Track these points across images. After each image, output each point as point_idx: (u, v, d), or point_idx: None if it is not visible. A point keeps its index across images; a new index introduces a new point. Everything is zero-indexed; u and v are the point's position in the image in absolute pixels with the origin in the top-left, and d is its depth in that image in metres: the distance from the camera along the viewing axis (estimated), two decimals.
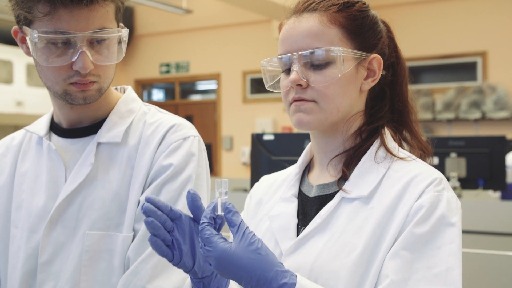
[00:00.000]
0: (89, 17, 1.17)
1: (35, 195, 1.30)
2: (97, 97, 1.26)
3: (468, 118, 7.64)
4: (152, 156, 1.26)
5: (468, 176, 3.40)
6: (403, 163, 1.11)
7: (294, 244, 1.10)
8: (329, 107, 1.10)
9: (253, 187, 1.33)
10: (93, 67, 1.20)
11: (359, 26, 1.12)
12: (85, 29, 1.17)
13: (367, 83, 1.14)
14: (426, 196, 1.02)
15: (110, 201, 1.24)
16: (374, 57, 1.13)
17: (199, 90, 10.75)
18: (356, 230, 1.05)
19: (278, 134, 2.52)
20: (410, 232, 1.00)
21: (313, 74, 1.09)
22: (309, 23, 1.11)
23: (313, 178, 1.19)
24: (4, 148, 1.41)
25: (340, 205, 1.09)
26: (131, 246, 1.22)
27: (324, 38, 1.09)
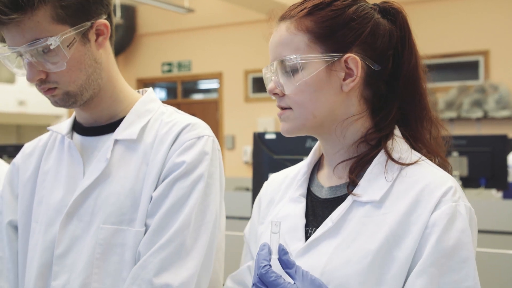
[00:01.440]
0: (18, 32, 1.20)
1: (54, 190, 1.33)
2: (70, 100, 1.29)
3: (470, 117, 7.64)
4: (166, 154, 1.28)
5: (470, 175, 3.40)
6: (415, 167, 1.08)
7: (305, 247, 1.09)
8: (303, 113, 1.10)
9: (262, 188, 1.32)
10: (45, 76, 1.25)
11: (328, 28, 1.08)
12: (19, 43, 1.21)
13: (346, 84, 1.09)
14: (444, 207, 1.01)
15: (125, 196, 1.27)
16: (348, 56, 1.08)
17: (201, 89, 10.76)
18: (369, 235, 1.03)
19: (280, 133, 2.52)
20: (434, 248, 0.98)
21: (287, 82, 1.10)
22: (278, 32, 1.12)
23: (323, 178, 1.18)
24: (31, 149, 1.45)
25: (352, 209, 1.08)
26: (142, 240, 1.24)
27: (291, 46, 1.10)
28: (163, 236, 1.22)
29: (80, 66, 1.27)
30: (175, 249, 1.22)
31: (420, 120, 1.15)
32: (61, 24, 1.22)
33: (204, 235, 1.26)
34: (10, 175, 1.44)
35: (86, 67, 1.28)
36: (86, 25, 1.26)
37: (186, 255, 1.23)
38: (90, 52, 1.28)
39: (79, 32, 1.25)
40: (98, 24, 1.28)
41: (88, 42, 1.27)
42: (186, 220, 1.23)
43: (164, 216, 1.24)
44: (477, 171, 3.40)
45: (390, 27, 1.13)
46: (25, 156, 1.44)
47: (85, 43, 1.27)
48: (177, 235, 1.22)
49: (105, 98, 1.34)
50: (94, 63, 1.29)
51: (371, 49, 1.10)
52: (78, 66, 1.26)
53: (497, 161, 3.39)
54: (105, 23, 1.29)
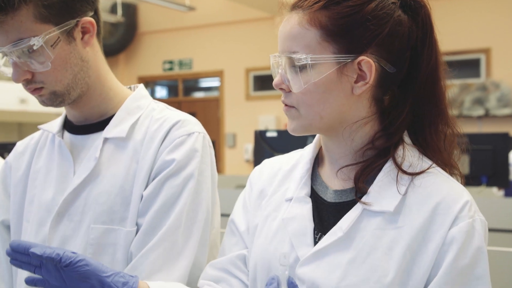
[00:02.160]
0: (1, 32, 1.19)
1: (45, 189, 1.32)
2: (57, 100, 1.28)
3: (471, 115, 7.63)
4: (156, 151, 1.27)
5: (471, 173, 3.39)
6: (427, 175, 1.04)
7: (312, 255, 1.04)
8: (309, 114, 1.04)
9: (254, 173, 1.27)
10: (31, 76, 1.24)
11: (343, 26, 1.01)
12: (3, 43, 1.20)
13: (358, 87, 1.03)
14: (461, 224, 0.98)
15: (115, 195, 1.25)
16: (362, 59, 1.01)
17: (202, 87, 10.76)
18: (385, 251, 0.99)
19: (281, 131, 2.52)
20: (451, 266, 0.97)
21: (292, 79, 1.04)
22: (290, 24, 1.04)
23: (327, 177, 1.13)
24: (23, 147, 1.44)
25: (362, 218, 1.03)
26: (134, 241, 1.23)
27: (302, 41, 1.02)
28: (154, 236, 1.21)
29: (66, 66, 1.25)
30: (167, 249, 1.20)
31: (434, 125, 1.09)
32: (45, 23, 1.20)
33: (196, 234, 1.25)
34: (3, 174, 1.42)
35: (72, 66, 1.26)
36: (71, 23, 1.24)
37: (178, 255, 1.22)
38: (76, 51, 1.26)
39: (64, 31, 1.22)
40: (84, 22, 1.26)
41: (74, 41, 1.25)
42: (177, 219, 1.22)
43: (155, 215, 1.22)
44: (479, 169, 3.39)
45: (411, 24, 1.05)
46: (18, 155, 1.43)
47: (70, 42, 1.25)
48: (168, 234, 1.21)
49: (94, 96, 1.32)
50: (80, 61, 1.27)
51: (387, 51, 1.03)
52: (63, 65, 1.25)
53: (498, 159, 3.39)
54: (91, 21, 1.27)
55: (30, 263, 1.04)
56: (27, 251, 1.03)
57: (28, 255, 1.03)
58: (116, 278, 1.04)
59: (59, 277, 1.03)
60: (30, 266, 1.04)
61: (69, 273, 1.02)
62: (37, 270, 1.04)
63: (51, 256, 1.01)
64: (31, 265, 1.04)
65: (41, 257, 1.01)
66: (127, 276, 1.05)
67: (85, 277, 1.02)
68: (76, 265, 1.01)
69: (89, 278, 1.02)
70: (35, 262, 1.03)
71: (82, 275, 1.02)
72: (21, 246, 1.04)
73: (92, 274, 1.02)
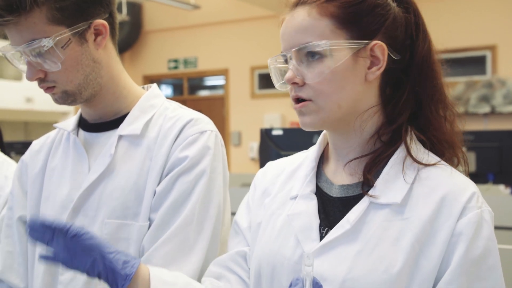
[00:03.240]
0: (16, 32, 1.23)
1: (60, 186, 1.35)
2: (69, 99, 1.31)
3: (477, 112, 7.61)
4: (169, 149, 1.29)
5: (477, 170, 3.38)
6: (433, 168, 1.06)
7: (319, 248, 1.04)
8: (327, 104, 1.05)
9: (257, 175, 1.28)
10: (44, 75, 1.27)
11: (353, 14, 1.04)
12: (18, 43, 1.24)
13: (372, 73, 1.06)
14: (470, 215, 0.99)
15: (129, 191, 1.28)
16: (375, 43, 1.04)
17: (207, 86, 10.76)
18: (392, 242, 1.00)
19: (287, 129, 2.52)
20: (463, 257, 0.97)
21: (308, 71, 1.04)
22: (299, 17, 1.06)
23: (331, 174, 1.14)
24: (39, 146, 1.47)
25: (369, 211, 1.04)
26: (146, 235, 1.25)
27: (314, 31, 1.04)
28: (166, 231, 1.23)
29: (77, 66, 1.28)
30: (179, 244, 1.22)
31: (435, 104, 1.11)
32: (57, 25, 1.24)
33: (208, 230, 1.27)
34: (19, 172, 1.46)
35: (83, 67, 1.29)
36: (84, 25, 1.26)
37: (189, 250, 1.23)
38: (88, 52, 1.29)
39: (76, 32, 1.25)
40: (96, 24, 1.28)
41: (86, 42, 1.28)
42: (189, 215, 1.24)
43: (167, 211, 1.24)
44: (485, 167, 3.38)
45: (406, 15, 1.10)
46: (33, 153, 1.46)
47: (82, 44, 1.28)
48: (180, 230, 1.23)
49: (107, 96, 1.35)
50: (92, 62, 1.30)
51: (392, 38, 1.07)
52: (75, 66, 1.27)
53: (505, 157, 3.37)
54: (103, 23, 1.29)
55: (44, 237, 1.08)
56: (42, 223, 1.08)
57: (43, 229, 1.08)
58: (118, 256, 1.07)
59: (66, 249, 1.07)
60: (44, 240, 1.09)
61: (74, 245, 1.06)
62: (49, 244, 1.09)
63: (59, 226, 1.06)
64: (44, 239, 1.09)
65: (51, 226, 1.06)
66: (130, 256, 1.08)
67: (89, 249, 1.05)
68: (82, 237, 1.05)
69: (92, 251, 1.05)
70: (48, 234, 1.08)
71: (86, 247, 1.05)
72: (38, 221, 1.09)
73: (96, 248, 1.05)
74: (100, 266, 1.06)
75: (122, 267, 1.06)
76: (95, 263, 1.06)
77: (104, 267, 1.06)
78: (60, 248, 1.07)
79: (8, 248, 1.41)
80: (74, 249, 1.06)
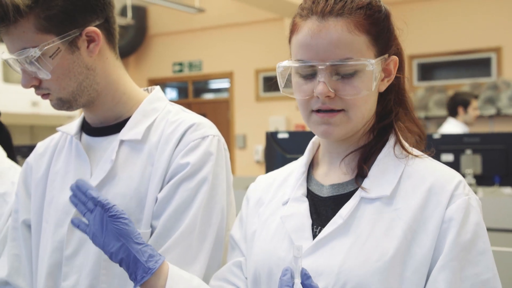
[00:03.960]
0: (9, 41, 1.25)
1: (63, 191, 1.34)
2: (65, 105, 1.31)
3: (483, 114, 7.57)
4: (171, 154, 1.28)
5: (483, 173, 3.37)
6: (419, 161, 1.11)
7: (313, 245, 1.07)
8: (357, 115, 1.09)
9: (249, 188, 1.31)
10: (38, 83, 1.28)
11: (381, 30, 1.09)
12: (12, 51, 1.25)
13: (384, 84, 1.13)
14: (458, 201, 1.03)
15: (130, 197, 1.27)
16: (392, 59, 1.12)
17: (212, 89, 10.77)
18: (384, 232, 1.03)
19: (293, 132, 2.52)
20: (454, 243, 1.00)
21: (341, 84, 1.05)
22: (337, 31, 1.04)
23: (321, 177, 1.17)
24: (43, 149, 1.47)
25: (360, 206, 1.07)
26: (148, 242, 1.23)
27: (354, 47, 1.05)
28: (168, 238, 1.22)
29: (69, 74, 1.27)
30: (181, 253, 1.22)
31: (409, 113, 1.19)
32: (46, 34, 1.23)
33: (210, 237, 1.26)
34: (24, 174, 1.46)
35: (76, 75, 1.28)
36: (74, 33, 1.25)
37: (192, 258, 1.23)
38: (80, 60, 1.28)
39: (66, 41, 1.24)
40: (88, 31, 1.27)
41: (78, 50, 1.27)
42: (191, 223, 1.23)
43: (169, 218, 1.23)
44: (491, 169, 3.37)
45: None
46: (38, 156, 1.46)
47: (73, 51, 1.26)
48: (182, 238, 1.22)
49: (106, 101, 1.34)
50: (85, 70, 1.29)
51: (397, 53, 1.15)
52: (67, 74, 1.27)
53: (511, 159, 3.36)
54: (95, 30, 1.27)
55: (84, 206, 1.14)
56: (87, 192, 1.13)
57: (86, 199, 1.14)
58: (145, 249, 1.11)
59: (100, 226, 1.11)
60: (83, 208, 1.14)
61: (110, 225, 1.10)
62: (86, 214, 1.14)
63: (102, 202, 1.11)
64: (85, 206, 1.14)
65: (95, 199, 1.11)
66: (155, 252, 1.12)
67: (120, 234, 1.10)
68: (119, 219, 1.11)
69: (122, 237, 1.10)
70: (89, 205, 1.13)
71: (119, 231, 1.10)
72: (84, 186, 1.14)
73: (127, 235, 1.10)
74: (125, 253, 1.09)
75: (147, 259, 1.10)
76: (121, 249, 1.09)
77: (128, 255, 1.09)
78: (95, 222, 1.12)
79: (14, 251, 1.41)
80: (108, 228, 1.10)
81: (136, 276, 1.09)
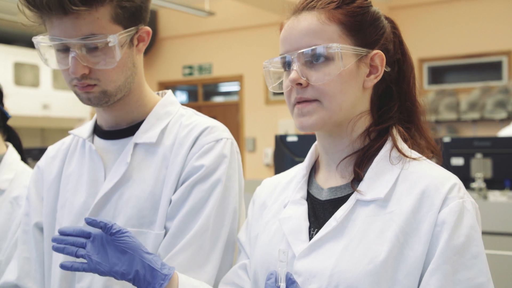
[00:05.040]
0: (75, 24, 1.20)
1: (76, 193, 1.35)
2: (104, 99, 1.29)
3: (493, 118, 7.54)
4: (185, 157, 1.29)
5: (494, 177, 3.36)
6: (416, 164, 1.10)
7: (308, 247, 1.08)
8: (331, 105, 1.08)
9: (256, 191, 1.32)
10: (88, 72, 1.25)
11: (359, 22, 1.10)
12: (73, 35, 1.21)
13: (370, 80, 1.12)
14: (452, 204, 1.01)
15: (145, 199, 1.28)
16: (376, 53, 1.11)
17: (222, 92, 10.79)
18: (377, 235, 1.03)
19: (302, 136, 2.52)
20: (446, 246, 0.99)
21: (313, 73, 1.08)
22: (307, 21, 1.10)
23: (322, 180, 1.17)
24: (55, 152, 1.47)
25: (355, 208, 1.07)
26: (162, 243, 1.25)
27: (323, 35, 1.08)
28: (182, 239, 1.23)
29: (123, 68, 1.29)
30: (194, 253, 1.23)
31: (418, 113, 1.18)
32: (116, 24, 1.24)
33: (223, 238, 1.27)
34: (35, 178, 1.46)
35: (126, 70, 1.30)
36: (135, 29, 1.29)
37: (204, 258, 1.24)
38: (132, 56, 1.31)
39: (129, 35, 1.27)
40: (143, 30, 1.31)
41: (132, 46, 1.30)
42: (204, 223, 1.24)
43: (183, 219, 1.25)
44: (502, 173, 3.36)
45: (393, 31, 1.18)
46: (49, 159, 1.46)
47: (130, 46, 1.29)
48: (196, 238, 1.23)
49: (131, 101, 1.35)
50: (132, 67, 1.31)
51: (386, 51, 1.14)
52: (121, 67, 1.28)
53: None
54: (148, 30, 1.32)
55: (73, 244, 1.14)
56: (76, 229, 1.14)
57: (75, 235, 1.14)
58: (156, 258, 1.13)
59: (102, 251, 1.12)
60: (73, 248, 1.14)
61: (114, 243, 1.11)
62: (79, 251, 1.14)
63: (104, 221, 1.11)
64: (73, 245, 1.14)
65: (95, 222, 1.11)
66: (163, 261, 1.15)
67: (129, 248, 1.11)
68: (124, 234, 1.11)
69: (130, 250, 1.10)
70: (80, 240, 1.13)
71: (127, 245, 1.11)
72: (70, 228, 1.15)
73: (137, 247, 1.11)
74: (139, 264, 1.10)
75: (161, 267, 1.12)
76: (134, 262, 1.10)
77: (143, 266, 1.10)
78: (95, 249, 1.12)
79: (25, 254, 1.41)
80: (112, 248, 1.11)
81: (155, 285, 1.10)
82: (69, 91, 4.32)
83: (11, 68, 8.01)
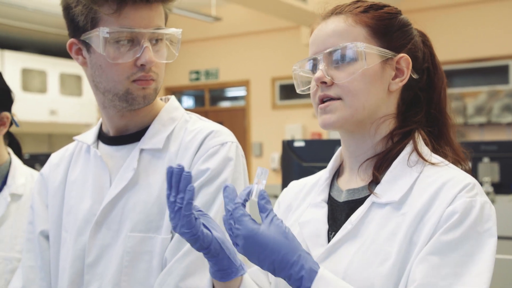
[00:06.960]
0: (150, 15, 1.26)
1: (82, 200, 1.35)
2: (153, 97, 1.32)
3: (500, 122, 7.52)
4: (191, 161, 1.30)
5: (501, 181, 3.34)
6: (435, 169, 1.08)
7: (325, 251, 1.09)
8: (354, 103, 1.09)
9: (282, 193, 1.33)
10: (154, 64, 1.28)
11: (385, 26, 1.13)
12: (147, 26, 1.26)
13: (395, 83, 1.13)
14: (459, 202, 1.00)
15: (151, 204, 1.28)
16: (402, 56, 1.12)
17: (229, 97, 10.80)
18: (388, 236, 1.03)
19: (309, 141, 2.53)
20: (439, 238, 0.98)
21: (338, 72, 1.10)
22: (334, 24, 1.13)
23: (343, 183, 1.18)
24: (58, 159, 1.47)
25: (370, 211, 1.08)
26: (168, 247, 1.26)
27: (349, 36, 1.11)
28: None
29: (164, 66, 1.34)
30: (200, 256, 1.21)
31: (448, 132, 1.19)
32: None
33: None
34: (39, 186, 1.46)
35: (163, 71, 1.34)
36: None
37: None
38: None
39: None
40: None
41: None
42: None
43: None
44: (509, 177, 3.35)
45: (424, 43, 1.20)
46: (53, 167, 1.46)
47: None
48: None
49: (149, 106, 1.36)
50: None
51: (414, 58, 1.15)
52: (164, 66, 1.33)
53: None
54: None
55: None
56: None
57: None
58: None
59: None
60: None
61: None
62: None
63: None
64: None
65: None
66: None
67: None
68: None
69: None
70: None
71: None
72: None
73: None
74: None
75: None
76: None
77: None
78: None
79: (29, 262, 1.41)
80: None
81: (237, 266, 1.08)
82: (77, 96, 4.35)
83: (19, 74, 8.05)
